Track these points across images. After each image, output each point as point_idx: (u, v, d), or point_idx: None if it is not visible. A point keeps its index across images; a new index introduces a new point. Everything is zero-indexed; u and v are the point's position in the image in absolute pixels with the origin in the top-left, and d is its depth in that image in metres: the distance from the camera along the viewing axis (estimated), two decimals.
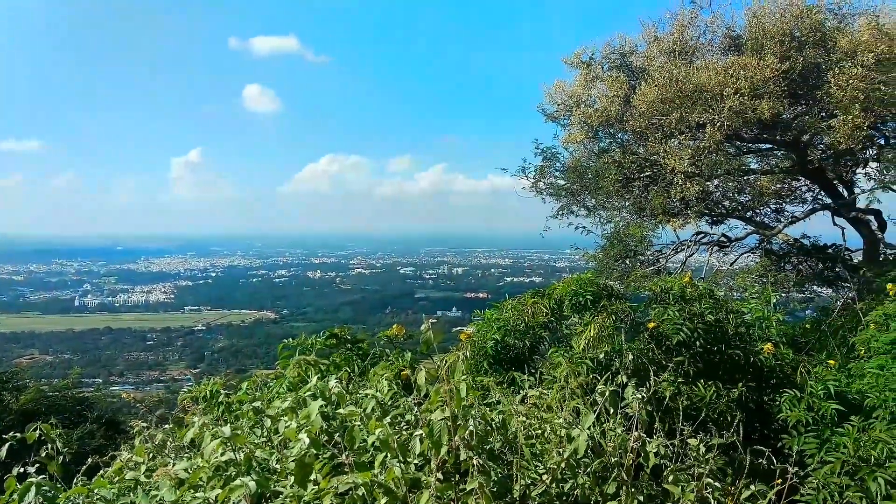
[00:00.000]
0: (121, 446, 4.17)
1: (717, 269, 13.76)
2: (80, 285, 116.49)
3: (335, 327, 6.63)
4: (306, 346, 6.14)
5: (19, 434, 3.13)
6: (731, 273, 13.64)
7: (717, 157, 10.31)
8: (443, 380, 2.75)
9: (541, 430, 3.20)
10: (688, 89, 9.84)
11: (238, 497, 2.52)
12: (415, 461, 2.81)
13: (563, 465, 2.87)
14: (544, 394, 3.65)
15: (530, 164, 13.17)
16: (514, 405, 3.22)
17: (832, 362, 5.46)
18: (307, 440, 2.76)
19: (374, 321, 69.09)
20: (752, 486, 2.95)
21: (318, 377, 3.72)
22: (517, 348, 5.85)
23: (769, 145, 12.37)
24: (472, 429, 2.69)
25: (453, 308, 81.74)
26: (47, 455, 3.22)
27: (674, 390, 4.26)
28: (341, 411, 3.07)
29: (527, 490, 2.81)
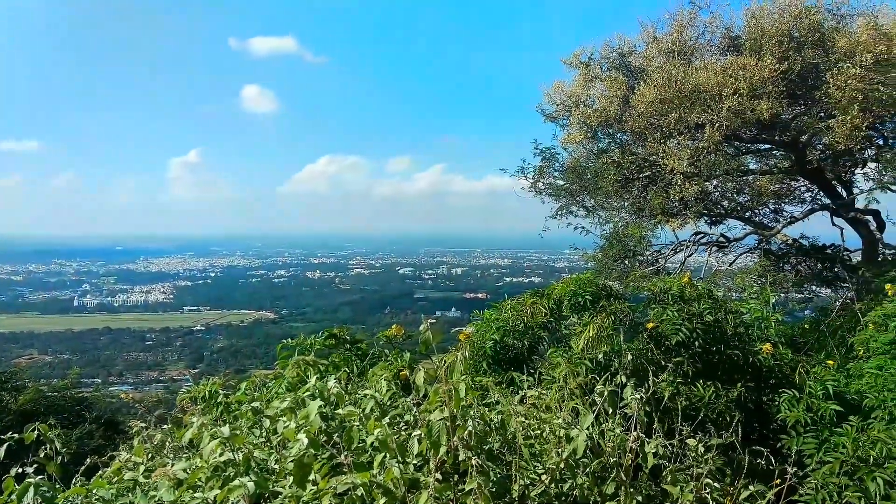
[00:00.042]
0: (119, 446, 4.17)
1: (716, 269, 13.77)
2: (79, 285, 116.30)
3: (334, 327, 6.63)
4: (305, 346, 6.14)
5: (18, 434, 3.13)
6: (729, 273, 13.65)
7: (716, 157, 10.32)
8: (441, 380, 2.75)
9: (540, 431, 3.20)
10: (686, 90, 9.85)
11: (236, 497, 2.52)
12: (413, 461, 2.81)
13: (562, 466, 2.87)
14: (543, 394, 3.66)
15: (529, 164, 13.22)
16: (513, 405, 3.22)
17: (831, 362, 5.47)
18: (306, 440, 2.76)
19: (374, 321, 69.03)
20: (751, 486, 2.95)
21: (316, 377, 3.72)
22: (516, 348, 5.85)
23: (768, 146, 12.39)
24: (470, 429, 2.69)
25: (452, 308, 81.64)
26: (46, 455, 3.21)
27: (672, 390, 4.26)
28: (340, 411, 3.07)
29: (526, 490, 2.81)
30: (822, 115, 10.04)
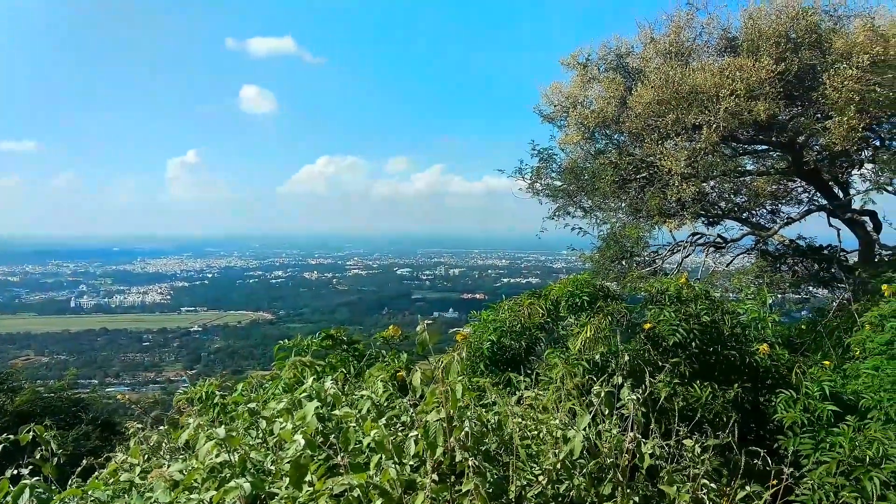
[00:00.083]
0: (116, 448, 4.16)
1: (713, 270, 13.77)
2: (76, 286, 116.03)
3: (331, 328, 6.64)
4: (302, 347, 6.14)
5: (13, 436, 3.11)
6: (727, 274, 13.66)
7: (714, 158, 10.33)
8: (438, 381, 2.75)
9: (537, 431, 3.20)
10: (684, 91, 9.86)
11: (233, 499, 2.51)
12: (410, 462, 2.81)
13: (559, 466, 2.87)
14: (540, 395, 3.66)
15: (527, 165, 13.22)
16: (510, 406, 3.22)
17: (827, 363, 5.47)
18: (302, 441, 2.75)
19: (371, 322, 68.97)
20: (748, 486, 2.96)
21: (313, 378, 3.71)
22: (513, 349, 5.85)
23: (765, 147, 12.40)
24: (467, 430, 2.69)
25: (450, 309, 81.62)
26: (42, 457, 3.20)
27: (669, 391, 4.26)
28: (337, 412, 3.06)
29: (522, 491, 2.81)
30: (819, 116, 10.05)
